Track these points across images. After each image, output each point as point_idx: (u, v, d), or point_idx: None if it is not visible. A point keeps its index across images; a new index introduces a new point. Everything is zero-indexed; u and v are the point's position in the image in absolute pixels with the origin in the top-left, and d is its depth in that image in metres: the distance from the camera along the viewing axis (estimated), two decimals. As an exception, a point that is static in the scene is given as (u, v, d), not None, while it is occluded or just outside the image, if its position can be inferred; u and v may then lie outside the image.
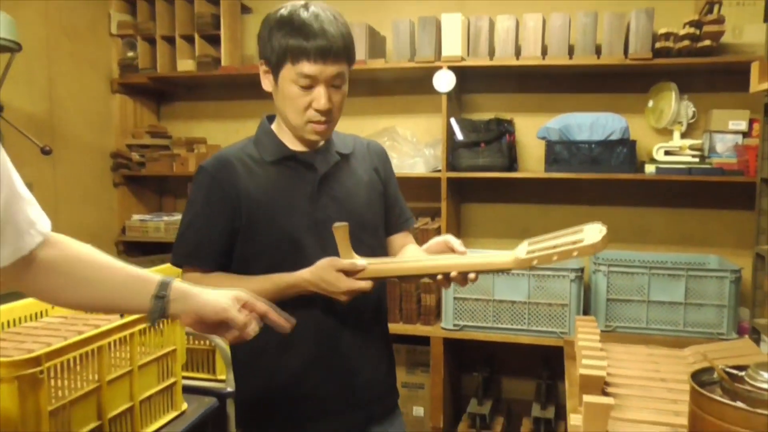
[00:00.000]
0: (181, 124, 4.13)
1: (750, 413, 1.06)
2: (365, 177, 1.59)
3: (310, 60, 1.38)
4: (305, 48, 1.38)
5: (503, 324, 3.08)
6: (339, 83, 1.45)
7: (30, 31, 3.20)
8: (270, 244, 1.46)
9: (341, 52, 1.41)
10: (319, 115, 1.43)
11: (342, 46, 1.41)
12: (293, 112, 1.44)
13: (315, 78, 1.40)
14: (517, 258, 1.35)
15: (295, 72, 1.40)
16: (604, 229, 1.29)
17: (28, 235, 1.06)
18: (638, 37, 3.05)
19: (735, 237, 3.31)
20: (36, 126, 3.26)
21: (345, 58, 1.43)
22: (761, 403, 1.08)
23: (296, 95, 1.42)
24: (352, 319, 1.52)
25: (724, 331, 2.84)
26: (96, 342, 1.71)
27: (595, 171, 3.13)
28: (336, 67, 1.41)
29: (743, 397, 1.12)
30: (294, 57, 1.39)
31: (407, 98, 3.72)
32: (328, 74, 1.40)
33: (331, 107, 1.44)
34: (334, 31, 1.40)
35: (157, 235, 3.81)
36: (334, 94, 1.44)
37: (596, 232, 1.29)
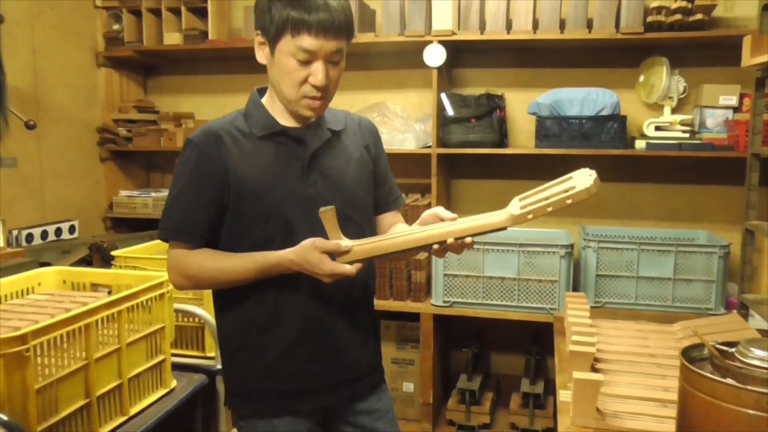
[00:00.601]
0: (168, 98, 4.08)
1: (740, 390, 1.06)
2: (356, 154, 1.57)
3: (311, 33, 1.35)
4: (307, 21, 1.34)
5: (493, 300, 3.08)
6: (337, 59, 1.41)
7: (13, 2, 3.13)
8: (258, 220, 1.44)
9: (342, 26, 1.38)
10: (316, 90, 1.40)
11: (344, 20, 1.38)
12: (289, 86, 1.41)
13: (314, 53, 1.37)
14: (511, 215, 1.32)
15: (294, 45, 1.36)
16: (594, 173, 1.27)
17: None
18: (630, 11, 3.02)
19: (725, 212, 3.31)
20: (20, 99, 3.20)
21: (345, 34, 1.40)
22: (751, 380, 1.09)
23: (293, 69, 1.39)
24: (339, 297, 1.51)
25: (713, 306, 2.86)
26: (83, 320, 1.70)
27: (585, 147, 3.12)
28: (336, 42, 1.38)
29: (733, 374, 1.12)
30: (294, 29, 1.35)
31: (397, 73, 3.69)
32: (328, 49, 1.37)
33: (328, 83, 1.41)
34: (336, 5, 1.37)
35: (144, 211, 3.78)
36: (332, 70, 1.41)
37: (586, 176, 1.27)
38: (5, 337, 1.48)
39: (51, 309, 1.86)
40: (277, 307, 1.48)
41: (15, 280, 2.08)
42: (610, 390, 1.52)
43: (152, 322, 2.01)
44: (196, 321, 2.35)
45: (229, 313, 1.54)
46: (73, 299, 1.97)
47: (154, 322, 2.01)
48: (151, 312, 2.00)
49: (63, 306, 1.88)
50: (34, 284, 2.13)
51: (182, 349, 2.37)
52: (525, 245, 3.02)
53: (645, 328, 2.06)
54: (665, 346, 1.85)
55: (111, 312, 1.80)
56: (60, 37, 3.50)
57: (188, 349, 2.38)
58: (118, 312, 1.83)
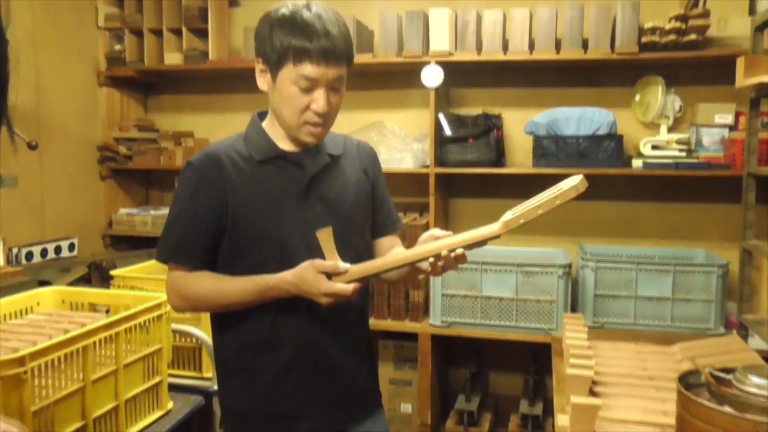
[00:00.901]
0: (168, 117, 4.10)
1: (737, 418, 1.06)
2: (354, 178, 1.58)
3: (313, 62, 1.36)
4: (308, 49, 1.35)
5: (491, 320, 3.08)
6: (338, 86, 1.43)
7: (17, 23, 3.16)
8: (256, 244, 1.45)
9: (343, 54, 1.39)
10: (317, 117, 1.41)
11: (344, 47, 1.39)
12: (290, 112, 1.42)
13: (316, 81, 1.38)
14: (504, 222, 1.33)
15: (296, 73, 1.37)
16: (581, 176, 1.29)
17: None
18: (624, 31, 3.05)
19: (722, 230, 3.32)
20: (22, 118, 3.22)
21: (346, 61, 1.41)
22: (748, 408, 1.09)
23: (295, 96, 1.40)
24: (335, 321, 1.51)
25: (712, 326, 2.86)
26: (81, 341, 1.70)
27: (582, 165, 3.13)
28: (337, 69, 1.39)
29: (730, 401, 1.12)
30: (296, 57, 1.36)
31: (395, 92, 3.71)
32: (329, 77, 1.39)
33: (330, 110, 1.42)
34: (337, 32, 1.38)
35: (144, 229, 3.79)
36: (333, 97, 1.42)
37: (573, 179, 1.29)
38: (3, 359, 1.48)
39: (49, 330, 1.86)
40: (274, 330, 1.48)
41: (14, 300, 2.08)
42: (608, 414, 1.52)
43: (150, 343, 2.01)
44: (193, 341, 2.35)
45: (226, 335, 1.54)
46: (71, 320, 1.97)
47: (151, 343, 2.01)
48: (148, 333, 2.00)
49: (61, 327, 1.88)
50: (33, 304, 2.13)
51: (179, 369, 2.36)
52: (523, 265, 3.02)
53: (644, 350, 2.06)
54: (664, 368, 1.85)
55: (109, 333, 1.80)
56: (62, 56, 3.53)
57: (185, 370, 2.38)
58: (116, 333, 1.83)
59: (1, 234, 2.77)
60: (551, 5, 3.19)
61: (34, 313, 2.11)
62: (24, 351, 1.53)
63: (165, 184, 4.17)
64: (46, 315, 2.05)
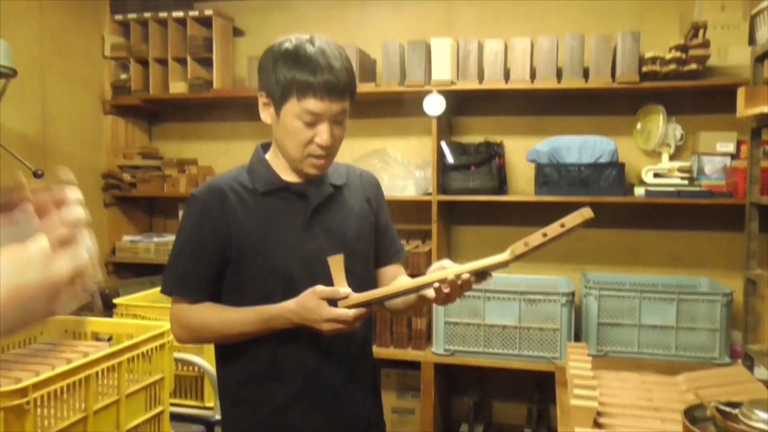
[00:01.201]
0: (172, 145, 4.13)
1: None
2: (357, 208, 1.58)
3: (316, 96, 1.37)
4: (312, 84, 1.36)
5: (494, 348, 3.07)
6: (341, 119, 1.44)
7: (24, 53, 3.21)
8: (259, 275, 1.46)
9: (346, 88, 1.41)
10: (321, 150, 1.43)
11: (347, 81, 1.41)
12: (294, 146, 1.43)
13: (320, 115, 1.39)
14: (511, 249, 1.31)
15: (300, 107, 1.38)
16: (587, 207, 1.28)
17: None
18: (625, 60, 3.08)
19: (725, 258, 3.32)
20: (28, 146, 3.25)
21: (349, 94, 1.43)
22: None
23: (299, 130, 1.41)
24: (338, 351, 1.50)
25: (717, 356, 2.84)
26: (84, 371, 1.70)
27: (584, 193, 3.14)
28: (340, 104, 1.41)
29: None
30: (300, 92, 1.38)
31: (397, 120, 3.74)
32: (333, 111, 1.40)
33: (333, 143, 1.44)
34: (340, 67, 1.39)
35: (147, 256, 3.79)
36: (336, 129, 1.43)
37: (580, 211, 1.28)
38: (6, 390, 1.48)
39: (52, 359, 1.86)
40: (277, 360, 1.48)
41: (16, 330, 2.07)
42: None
43: (152, 372, 2.01)
44: (195, 370, 2.34)
45: (230, 366, 1.54)
46: (74, 349, 1.97)
47: (154, 372, 2.01)
48: (151, 362, 2.00)
49: (64, 356, 1.88)
50: (36, 333, 2.14)
51: (181, 398, 2.36)
52: (526, 293, 3.02)
53: (648, 380, 2.05)
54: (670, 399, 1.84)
55: (111, 363, 1.81)
56: (68, 86, 3.56)
57: (187, 399, 2.37)
58: (119, 363, 1.84)
59: (5, 262, 2.78)
60: (552, 35, 3.22)
61: (37, 342, 2.11)
62: (27, 381, 1.53)
63: (168, 212, 4.18)
64: (49, 344, 2.05)
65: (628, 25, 3.27)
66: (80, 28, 3.64)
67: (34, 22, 3.31)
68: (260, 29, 3.92)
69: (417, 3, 3.69)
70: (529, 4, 3.53)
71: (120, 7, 3.81)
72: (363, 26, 3.74)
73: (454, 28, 3.60)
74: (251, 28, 3.95)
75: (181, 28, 3.77)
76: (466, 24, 3.61)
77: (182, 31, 3.76)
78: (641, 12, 3.38)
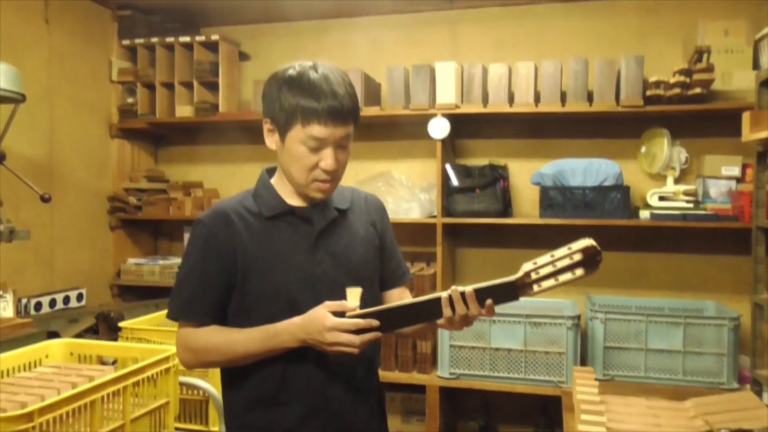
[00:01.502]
0: (178, 168, 4.15)
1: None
2: (362, 231, 1.59)
3: (320, 122, 1.38)
4: (317, 110, 1.38)
5: (500, 372, 3.05)
6: (345, 143, 1.46)
7: (33, 78, 3.24)
8: (265, 299, 1.46)
9: (350, 113, 1.42)
10: (326, 174, 1.44)
11: (351, 107, 1.42)
12: (299, 171, 1.45)
13: (324, 140, 1.40)
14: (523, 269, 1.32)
15: (304, 133, 1.40)
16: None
17: None
18: (629, 84, 3.09)
19: (732, 282, 3.30)
20: (36, 170, 3.28)
21: (353, 120, 1.44)
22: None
23: (304, 155, 1.42)
24: (345, 374, 1.50)
25: (725, 381, 2.82)
26: (89, 396, 1.69)
27: (589, 216, 3.15)
28: (344, 129, 1.42)
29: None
30: (304, 118, 1.39)
31: (402, 143, 3.76)
32: (337, 136, 1.41)
33: (338, 167, 1.45)
34: (344, 92, 1.41)
35: (152, 278, 3.80)
36: (340, 154, 1.45)
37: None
38: (12, 415, 1.48)
39: (57, 383, 1.85)
40: (284, 385, 1.47)
41: (23, 353, 2.08)
42: (620, 471, 1.50)
43: (157, 396, 2.00)
44: (200, 394, 2.33)
45: (236, 390, 1.53)
46: (79, 373, 1.96)
47: (159, 396, 2.00)
48: (156, 386, 1.99)
49: (69, 380, 1.87)
50: (42, 356, 2.13)
51: (185, 423, 2.34)
52: (531, 316, 3.01)
53: (656, 405, 2.03)
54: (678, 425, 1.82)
55: (117, 387, 1.80)
56: (76, 110, 3.60)
57: (191, 423, 2.35)
58: (124, 387, 1.83)
59: (12, 286, 2.79)
60: (555, 59, 3.24)
61: (42, 365, 2.11)
62: (32, 406, 1.53)
63: (174, 234, 4.19)
64: (55, 368, 2.05)
65: (632, 50, 3.30)
66: (88, 53, 3.69)
67: (43, 47, 3.35)
68: (266, 54, 3.96)
69: (421, 28, 3.73)
70: (533, 29, 3.57)
71: (127, 32, 3.85)
72: (368, 51, 3.77)
73: (458, 53, 3.63)
74: (257, 53, 4.00)
75: (188, 53, 3.81)
76: (470, 49, 3.65)
77: (189, 56, 3.80)
78: (645, 37, 3.41)
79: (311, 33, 3.89)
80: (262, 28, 3.97)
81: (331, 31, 3.86)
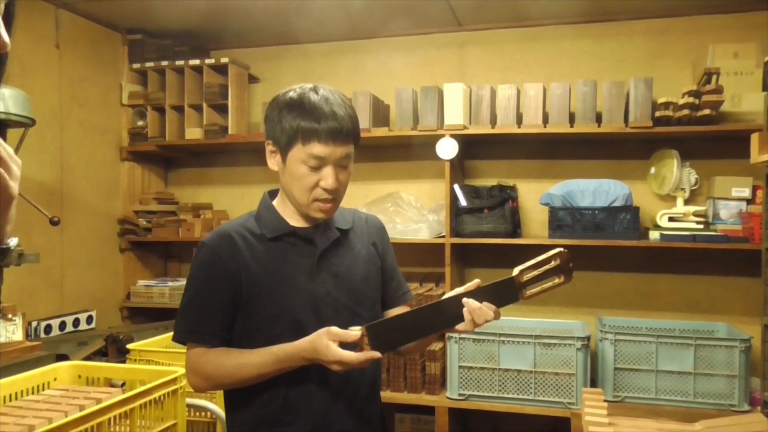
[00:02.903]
0: (188, 190, 4.18)
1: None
2: (363, 252, 1.60)
3: (321, 141, 1.41)
4: (317, 130, 1.41)
5: (509, 393, 3.03)
6: (346, 163, 1.48)
7: (44, 102, 3.28)
8: (269, 320, 1.46)
9: (350, 133, 1.45)
10: (326, 193, 1.46)
11: (351, 127, 1.45)
12: (300, 191, 1.47)
13: (324, 159, 1.43)
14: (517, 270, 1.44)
15: (305, 153, 1.43)
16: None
17: None
18: (638, 106, 3.10)
19: (742, 304, 3.28)
20: (46, 193, 3.31)
21: (353, 140, 1.47)
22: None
23: (304, 175, 1.45)
24: (348, 395, 1.50)
25: (736, 403, 2.78)
26: (97, 418, 1.70)
27: (598, 237, 3.14)
28: (345, 148, 1.45)
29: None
30: (305, 138, 1.42)
31: (410, 164, 3.77)
32: (337, 155, 1.44)
33: (338, 186, 1.46)
34: (344, 114, 1.44)
35: (161, 300, 3.81)
36: (341, 174, 1.47)
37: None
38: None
39: (65, 406, 1.86)
40: (287, 405, 1.48)
41: (31, 376, 2.08)
42: (630, 496, 1.48)
43: (164, 418, 2.00)
44: (207, 416, 2.33)
45: (240, 412, 1.53)
46: (87, 395, 1.97)
47: (166, 418, 2.00)
48: (163, 408, 1.99)
49: (77, 403, 1.88)
50: (50, 379, 2.14)
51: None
52: (541, 337, 2.99)
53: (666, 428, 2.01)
54: (687, 447, 1.81)
55: (124, 410, 1.80)
56: (86, 134, 3.64)
57: (200, 446, 2.35)
58: (131, 409, 1.83)
59: (22, 309, 2.80)
60: (564, 81, 3.26)
61: (50, 388, 2.11)
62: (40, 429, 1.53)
63: (183, 256, 4.21)
64: (63, 391, 2.05)
65: (641, 71, 3.31)
66: (99, 77, 3.73)
67: (53, 72, 3.40)
68: (275, 76, 4.00)
69: (429, 50, 3.76)
70: (542, 50, 3.59)
71: (138, 56, 3.90)
72: (376, 73, 3.80)
73: (466, 75, 3.65)
74: (266, 75, 4.03)
75: (198, 76, 3.85)
76: (478, 70, 3.67)
77: (198, 79, 3.85)
78: (653, 59, 3.42)
79: (320, 55, 3.93)
80: (272, 51, 4.01)
81: (340, 54, 3.90)
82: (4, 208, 0.73)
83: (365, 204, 3.52)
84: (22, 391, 2.02)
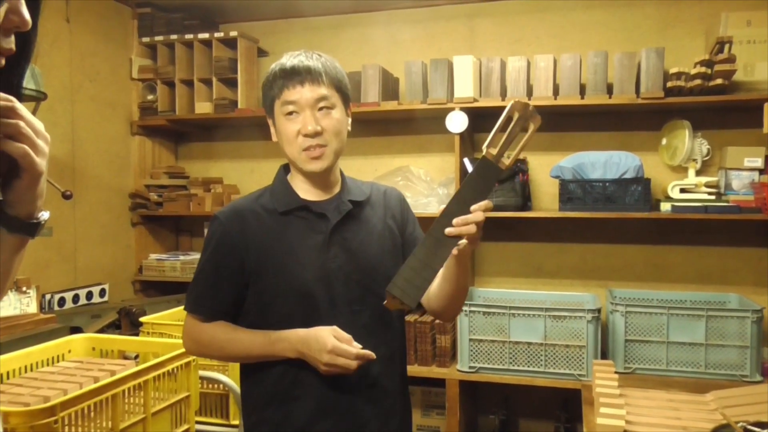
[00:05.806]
0: (198, 164, 4.18)
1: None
2: (379, 226, 1.58)
3: (290, 87, 1.45)
4: (285, 75, 1.46)
5: (519, 366, 3.04)
6: (325, 105, 1.47)
7: (55, 77, 3.29)
8: (280, 295, 1.47)
9: (321, 74, 1.46)
10: (309, 139, 1.45)
11: (321, 69, 1.46)
12: (288, 145, 1.49)
13: (296, 102, 1.45)
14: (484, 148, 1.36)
15: (281, 105, 1.46)
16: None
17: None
18: (649, 76, 3.06)
19: (754, 274, 3.26)
20: (58, 168, 3.32)
21: (326, 83, 1.47)
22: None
23: (285, 125, 1.47)
24: (357, 373, 1.45)
25: (748, 373, 2.78)
26: (111, 390, 1.72)
27: (609, 209, 3.12)
28: (317, 89, 1.45)
29: (764, 455, 1.10)
30: (279, 90, 1.46)
31: (420, 138, 3.75)
32: (308, 97, 1.45)
33: (321, 131, 1.46)
34: (314, 63, 1.47)
35: (173, 274, 3.83)
36: (323, 118, 1.47)
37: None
38: (35, 408, 1.51)
39: (80, 377, 1.88)
40: (297, 381, 1.48)
41: (46, 348, 2.11)
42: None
43: (178, 390, 2.02)
44: (220, 388, 2.35)
45: (253, 385, 1.55)
46: (101, 367, 2.00)
47: (179, 390, 2.03)
48: (176, 380, 2.02)
49: (91, 374, 1.90)
50: (65, 351, 2.17)
51: (206, 416, 2.37)
52: (551, 309, 2.99)
53: (676, 398, 2.02)
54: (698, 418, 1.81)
55: (138, 381, 1.83)
56: (97, 108, 3.64)
57: (212, 417, 2.38)
58: (145, 381, 1.85)
59: (36, 282, 2.83)
60: (575, 52, 3.22)
61: (65, 360, 2.14)
62: (55, 400, 1.55)
63: (194, 230, 4.23)
64: (77, 362, 2.08)
65: (652, 42, 3.26)
66: (109, 51, 3.72)
67: (64, 46, 3.39)
68: (284, 50, 3.89)
69: (439, 22, 3.72)
70: (552, 21, 3.54)
71: (147, 30, 3.89)
72: (385, 46, 3.77)
73: (476, 47, 3.61)
74: (275, 49, 4.01)
75: (207, 50, 3.83)
76: (488, 42, 3.63)
77: (208, 53, 3.83)
78: (665, 28, 3.37)
79: (329, 29, 3.90)
80: (280, 24, 3.98)
81: (348, 27, 3.86)
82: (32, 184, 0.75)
83: (375, 178, 3.51)
84: (38, 362, 2.05)
